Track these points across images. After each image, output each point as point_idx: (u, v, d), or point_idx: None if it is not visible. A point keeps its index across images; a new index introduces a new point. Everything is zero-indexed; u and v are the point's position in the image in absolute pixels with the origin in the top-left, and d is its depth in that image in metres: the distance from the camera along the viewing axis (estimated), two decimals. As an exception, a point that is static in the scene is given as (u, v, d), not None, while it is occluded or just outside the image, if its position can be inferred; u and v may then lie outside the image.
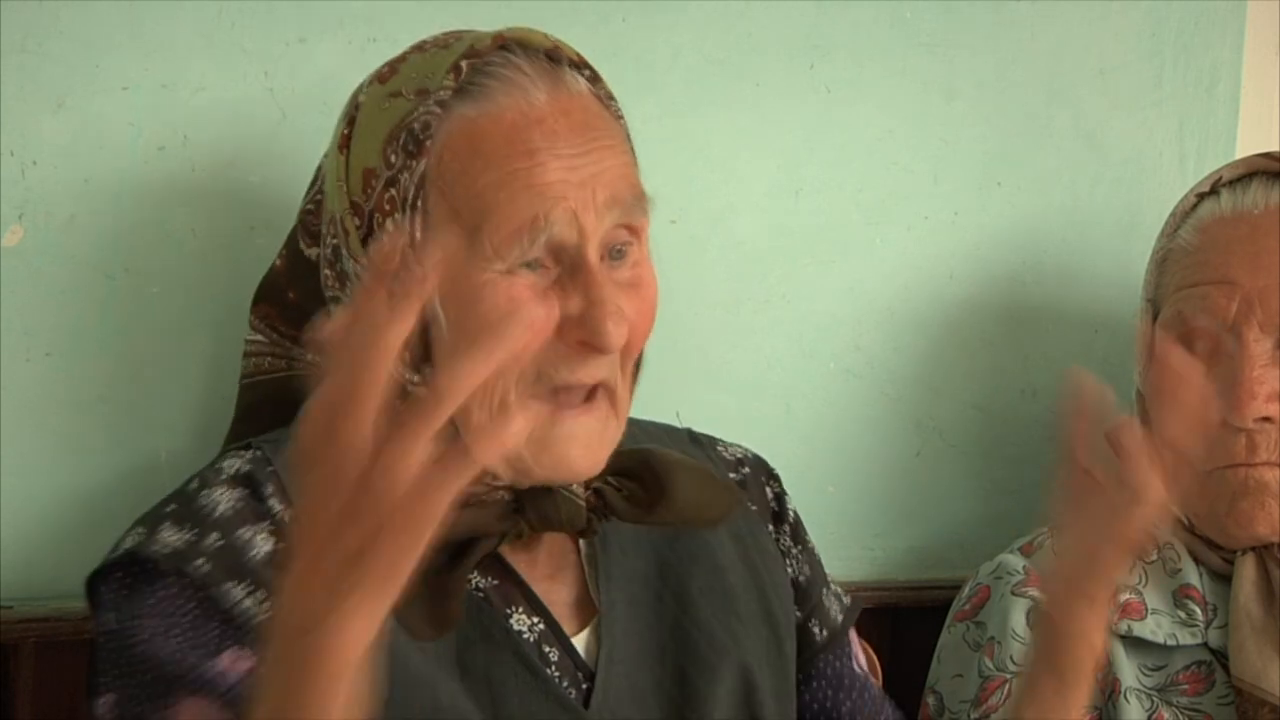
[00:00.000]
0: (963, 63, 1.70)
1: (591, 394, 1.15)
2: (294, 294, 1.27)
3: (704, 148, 1.60)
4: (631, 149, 1.21)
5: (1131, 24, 1.77)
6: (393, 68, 1.19)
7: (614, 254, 1.15)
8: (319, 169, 1.27)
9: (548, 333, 1.09)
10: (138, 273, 1.40)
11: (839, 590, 1.40)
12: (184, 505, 1.15)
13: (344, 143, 1.19)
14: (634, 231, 1.17)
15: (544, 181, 1.11)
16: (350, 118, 1.19)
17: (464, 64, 1.13)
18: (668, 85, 1.58)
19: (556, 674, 1.19)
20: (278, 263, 1.29)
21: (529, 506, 1.18)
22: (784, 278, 1.65)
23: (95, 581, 1.16)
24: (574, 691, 1.19)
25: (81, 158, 1.38)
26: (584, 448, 1.15)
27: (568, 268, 1.13)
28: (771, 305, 1.65)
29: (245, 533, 1.13)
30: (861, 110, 1.66)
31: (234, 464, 1.18)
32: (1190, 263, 1.46)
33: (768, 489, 1.37)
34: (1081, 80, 1.75)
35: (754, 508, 1.35)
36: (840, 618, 1.38)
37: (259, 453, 1.19)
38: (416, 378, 1.14)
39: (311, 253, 1.25)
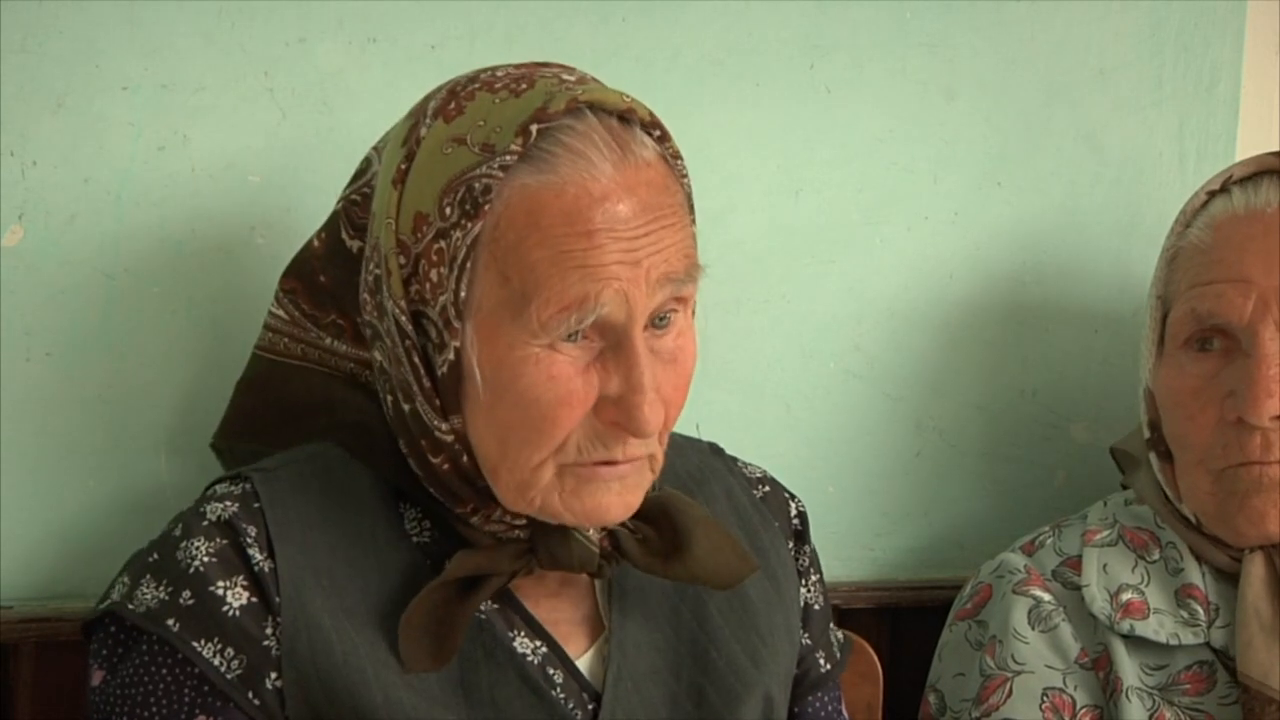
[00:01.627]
0: (963, 63, 1.70)
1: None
2: (325, 278, 1.27)
3: (704, 148, 1.60)
4: (691, 211, 1.19)
5: (1131, 24, 1.77)
6: (459, 106, 1.15)
7: (658, 321, 1.14)
8: (366, 160, 1.26)
9: (584, 413, 1.11)
10: (138, 273, 1.40)
11: (836, 628, 1.41)
12: (165, 556, 1.15)
13: (399, 177, 1.15)
14: (682, 301, 1.16)
15: (599, 263, 1.09)
16: (410, 152, 1.15)
17: (534, 128, 1.10)
18: (668, 85, 1.58)
19: (562, 695, 1.18)
20: (315, 244, 1.29)
21: (541, 548, 1.18)
22: (784, 278, 1.65)
23: (90, 628, 1.18)
24: (580, 713, 1.19)
25: (81, 158, 1.38)
26: (618, 496, 1.15)
27: (612, 344, 1.12)
28: (771, 305, 1.65)
29: (219, 588, 1.12)
30: (861, 110, 1.66)
31: (219, 508, 1.16)
32: (1204, 261, 1.46)
33: (791, 506, 1.37)
34: (1081, 80, 1.75)
35: (776, 524, 1.35)
36: (840, 655, 1.39)
37: (248, 486, 1.18)
38: (445, 426, 1.14)
39: (353, 244, 1.25)
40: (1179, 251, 1.49)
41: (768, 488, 1.37)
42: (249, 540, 1.14)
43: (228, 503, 1.16)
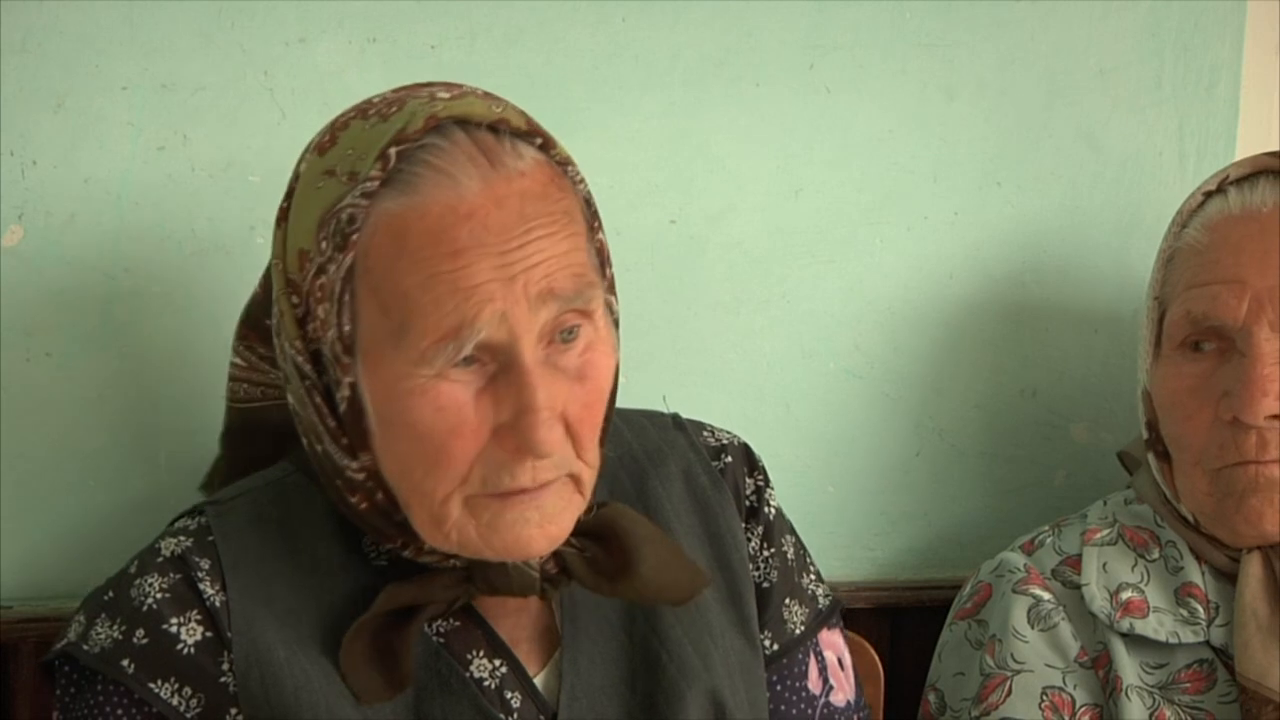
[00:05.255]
0: (963, 63, 1.70)
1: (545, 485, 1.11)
2: (270, 320, 1.24)
3: (704, 148, 1.60)
4: (585, 220, 1.14)
5: (1131, 24, 1.77)
6: (333, 136, 1.13)
7: (562, 337, 1.10)
8: None
9: (481, 442, 1.07)
10: (138, 273, 1.40)
11: (817, 593, 1.35)
12: (119, 594, 1.14)
13: (282, 216, 1.14)
14: (585, 314, 1.11)
15: (471, 284, 1.05)
16: (290, 189, 1.15)
17: (393, 151, 1.07)
18: (668, 85, 1.58)
19: None
20: (258, 290, 1.28)
21: (478, 576, 1.15)
22: (784, 278, 1.65)
23: (50, 668, 1.17)
24: None
25: (81, 158, 1.38)
26: (539, 528, 1.10)
27: (502, 365, 1.07)
28: (771, 305, 1.65)
29: (172, 625, 1.12)
30: (861, 110, 1.66)
31: (173, 543, 1.16)
32: (1199, 261, 1.46)
33: (748, 481, 1.33)
34: (1081, 80, 1.75)
35: (733, 502, 1.30)
36: (799, 630, 1.32)
37: (203, 520, 1.17)
38: (354, 464, 1.12)
39: None
40: (1175, 252, 1.49)
41: (729, 458, 1.32)
42: (201, 575, 1.13)
43: (182, 537, 1.16)
